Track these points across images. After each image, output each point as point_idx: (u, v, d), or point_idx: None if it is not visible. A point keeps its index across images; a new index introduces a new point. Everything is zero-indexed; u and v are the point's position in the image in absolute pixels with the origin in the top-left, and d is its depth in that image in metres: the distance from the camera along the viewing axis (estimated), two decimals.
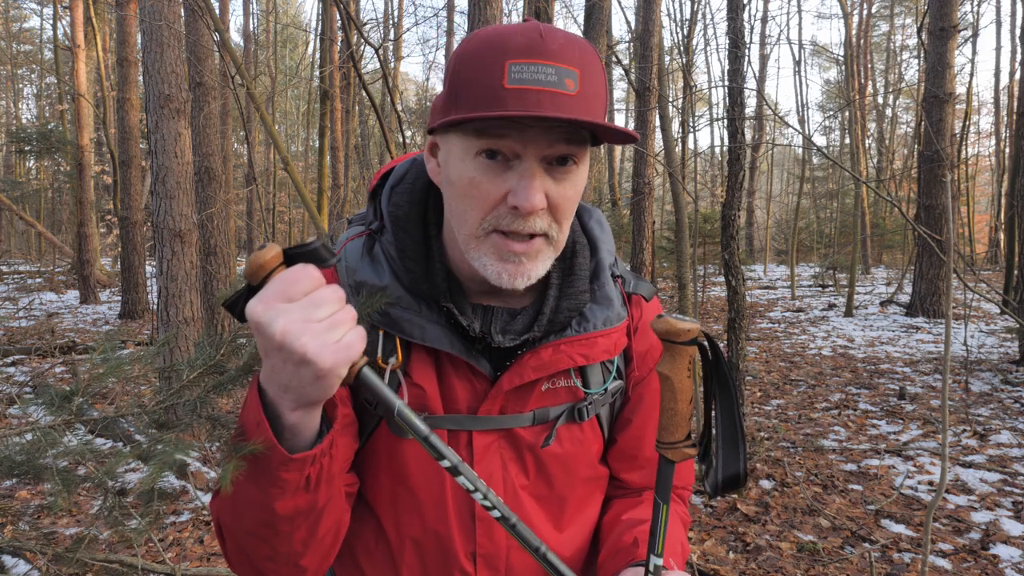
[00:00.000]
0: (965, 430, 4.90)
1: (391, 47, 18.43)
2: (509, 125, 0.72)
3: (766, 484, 3.93)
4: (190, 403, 0.79)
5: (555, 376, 0.87)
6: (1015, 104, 16.09)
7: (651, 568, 0.73)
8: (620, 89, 29.63)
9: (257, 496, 0.71)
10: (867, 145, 22.15)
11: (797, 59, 23.03)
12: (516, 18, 14.20)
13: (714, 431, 0.71)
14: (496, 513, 0.73)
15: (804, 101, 32.32)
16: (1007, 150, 19.80)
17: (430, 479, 0.85)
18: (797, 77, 29.76)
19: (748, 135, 11.88)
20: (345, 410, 0.82)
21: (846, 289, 11.93)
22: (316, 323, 0.62)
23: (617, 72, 19.02)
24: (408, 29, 18.54)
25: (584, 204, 0.97)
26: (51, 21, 23.55)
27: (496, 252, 0.77)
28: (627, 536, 0.88)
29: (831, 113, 26.37)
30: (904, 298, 11.71)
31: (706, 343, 0.68)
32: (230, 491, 0.70)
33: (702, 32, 24.58)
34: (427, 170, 0.87)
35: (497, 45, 0.73)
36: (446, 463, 0.69)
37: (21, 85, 31.14)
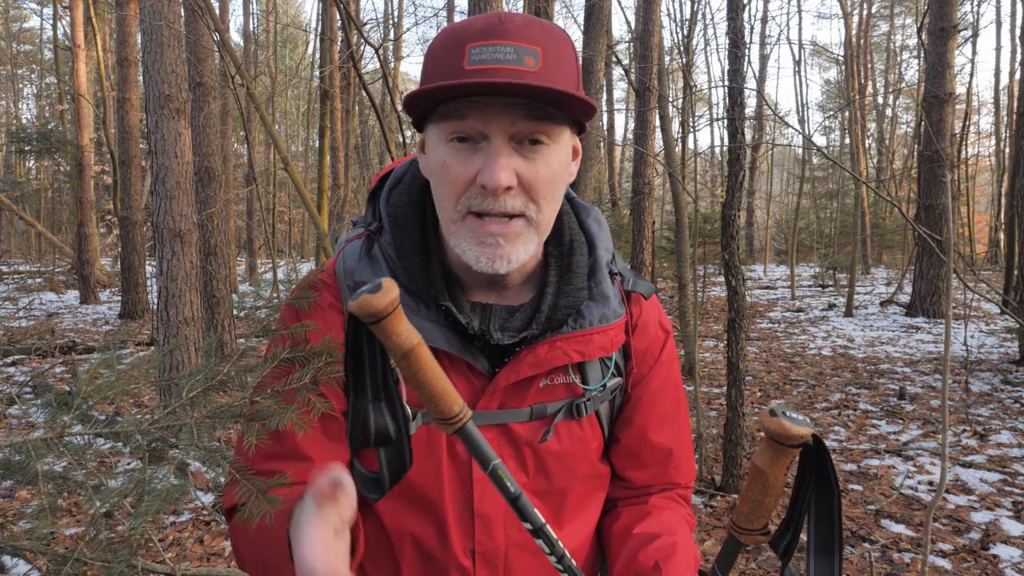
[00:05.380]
0: (965, 430, 4.90)
1: (391, 47, 18.43)
2: (470, 105, 0.74)
3: None
4: (188, 428, 0.76)
5: (553, 372, 0.87)
6: (1015, 104, 16.10)
7: None
8: (620, 89, 29.64)
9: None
10: (867, 145, 22.15)
11: (797, 59, 22.94)
12: None
13: (804, 534, 0.66)
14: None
15: (804, 101, 32.31)
16: (1007, 150, 19.78)
17: (429, 476, 0.86)
18: (797, 77, 29.77)
19: (748, 135, 11.87)
20: (341, 415, 0.83)
21: (846, 289, 11.92)
22: None
23: (617, 72, 19.07)
24: (408, 29, 18.58)
25: (582, 202, 0.98)
26: (51, 21, 23.58)
27: (474, 236, 0.78)
28: (643, 556, 0.87)
29: (831, 113, 26.37)
30: (904, 298, 11.70)
31: (814, 445, 0.63)
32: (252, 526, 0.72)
33: (702, 32, 24.61)
34: (420, 166, 0.87)
35: (459, 32, 0.76)
36: (529, 526, 0.68)
37: (21, 85, 31.15)
